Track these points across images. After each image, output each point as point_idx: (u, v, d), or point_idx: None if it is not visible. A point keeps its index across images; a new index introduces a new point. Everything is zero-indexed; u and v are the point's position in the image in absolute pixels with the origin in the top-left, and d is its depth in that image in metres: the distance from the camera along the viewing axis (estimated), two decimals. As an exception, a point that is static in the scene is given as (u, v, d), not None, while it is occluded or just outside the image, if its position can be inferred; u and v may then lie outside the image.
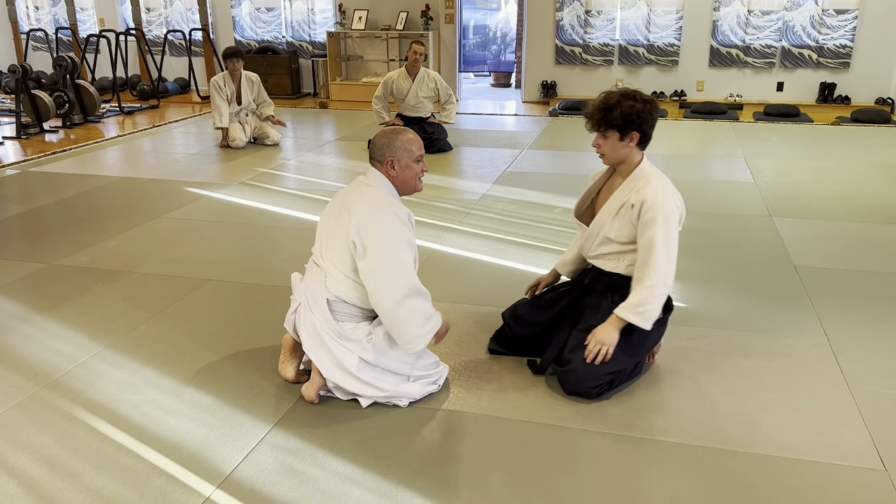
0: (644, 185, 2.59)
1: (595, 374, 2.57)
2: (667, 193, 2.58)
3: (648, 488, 2.18)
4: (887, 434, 2.43)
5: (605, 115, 2.55)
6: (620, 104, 2.52)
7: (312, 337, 2.55)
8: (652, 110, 2.57)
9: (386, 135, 2.62)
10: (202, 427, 2.48)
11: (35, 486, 2.18)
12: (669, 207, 2.55)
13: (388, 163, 2.58)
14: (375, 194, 2.57)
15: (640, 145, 2.61)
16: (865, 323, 3.26)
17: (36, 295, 3.61)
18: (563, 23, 9.67)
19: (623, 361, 2.62)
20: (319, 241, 2.67)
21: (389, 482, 2.20)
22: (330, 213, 2.66)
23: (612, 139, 2.58)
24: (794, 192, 5.41)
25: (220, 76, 6.99)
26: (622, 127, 2.54)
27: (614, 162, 2.68)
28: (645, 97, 2.56)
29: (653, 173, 2.64)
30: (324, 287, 2.58)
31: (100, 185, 5.71)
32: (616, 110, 2.53)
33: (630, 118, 2.53)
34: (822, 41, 9.01)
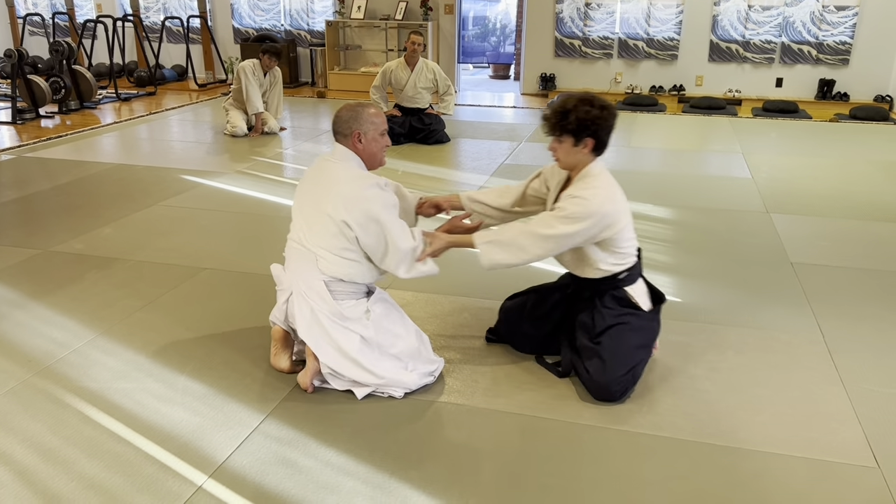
0: (584, 186, 2.56)
1: (615, 378, 2.55)
2: (599, 196, 2.52)
3: (641, 482, 2.18)
4: (881, 431, 2.43)
5: (560, 119, 2.54)
6: (576, 109, 2.51)
7: (309, 323, 2.54)
8: (608, 116, 2.54)
9: (350, 108, 2.63)
10: (195, 416, 2.47)
11: (26, 473, 2.18)
12: (589, 209, 2.49)
13: (355, 135, 2.61)
14: (349, 170, 2.59)
15: (594, 151, 2.58)
16: (861, 320, 3.26)
17: (29, 281, 3.59)
18: (563, 15, 9.63)
19: (634, 356, 2.62)
20: (301, 225, 2.64)
21: (383, 473, 2.20)
22: (305, 196, 2.65)
23: (566, 144, 2.57)
24: (792, 188, 5.40)
25: (250, 63, 6.98)
26: (577, 132, 2.53)
27: (568, 167, 2.65)
28: (603, 103, 2.55)
29: (600, 175, 2.59)
30: (317, 269, 2.56)
31: (95, 172, 5.68)
32: (572, 115, 2.51)
33: (585, 124, 2.51)
34: (822, 37, 9.00)
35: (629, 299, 2.70)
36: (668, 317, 3.27)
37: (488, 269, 2.60)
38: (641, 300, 2.73)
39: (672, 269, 3.84)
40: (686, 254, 4.07)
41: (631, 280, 2.72)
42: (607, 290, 2.70)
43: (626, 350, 2.61)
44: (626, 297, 2.70)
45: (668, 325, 3.19)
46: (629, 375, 2.59)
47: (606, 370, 2.56)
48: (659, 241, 4.27)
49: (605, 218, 2.52)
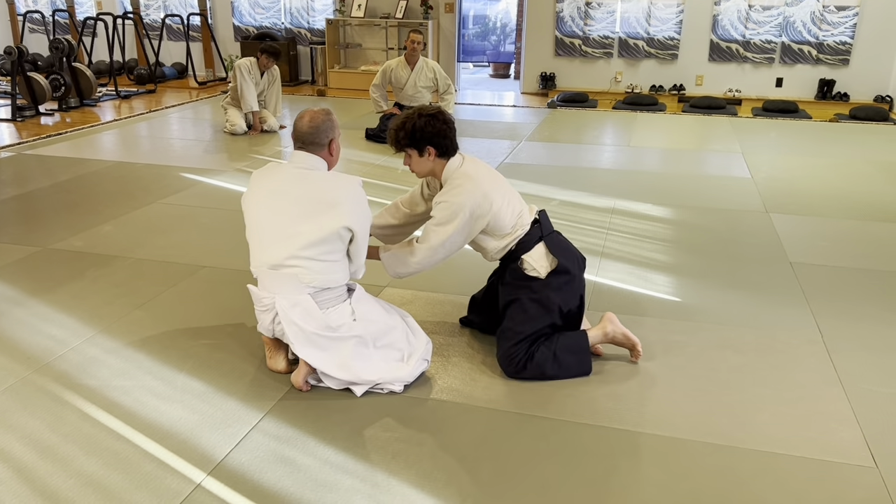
0: (446, 187, 2.72)
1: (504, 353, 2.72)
2: (461, 193, 2.66)
3: (639, 481, 2.18)
4: (879, 431, 2.43)
5: (395, 137, 2.71)
6: (404, 124, 2.68)
7: (302, 341, 2.54)
8: (435, 122, 2.67)
9: (322, 117, 2.62)
10: (194, 413, 2.47)
11: (25, 470, 2.18)
12: (454, 209, 2.66)
13: (331, 142, 2.64)
14: (335, 177, 2.63)
15: (442, 157, 2.72)
16: (860, 320, 3.26)
17: (29, 278, 3.59)
18: (564, 14, 9.63)
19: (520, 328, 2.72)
20: (275, 243, 2.55)
21: (381, 471, 2.20)
22: (282, 212, 2.56)
23: (413, 157, 2.73)
24: (792, 188, 5.41)
25: (247, 61, 6.97)
26: (415, 144, 2.68)
27: (425, 175, 2.81)
28: (429, 111, 2.70)
29: (457, 174, 2.72)
30: (300, 285, 2.54)
31: (95, 170, 5.68)
32: (401, 132, 2.69)
33: (414, 135, 2.67)
34: (822, 37, 8.99)
35: (522, 272, 2.78)
36: (667, 316, 3.28)
37: (393, 278, 2.88)
38: (539, 264, 2.77)
39: (671, 269, 3.84)
40: (685, 253, 4.07)
41: (524, 248, 2.78)
42: (507, 264, 2.84)
43: (516, 323, 2.73)
44: (519, 269, 2.79)
45: (668, 324, 3.19)
46: (520, 347, 2.70)
47: (498, 350, 2.77)
48: (658, 240, 4.27)
49: (475, 209, 2.67)
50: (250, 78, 6.96)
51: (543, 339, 2.73)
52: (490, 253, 2.83)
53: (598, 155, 6.45)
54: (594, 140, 7.07)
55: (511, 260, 2.81)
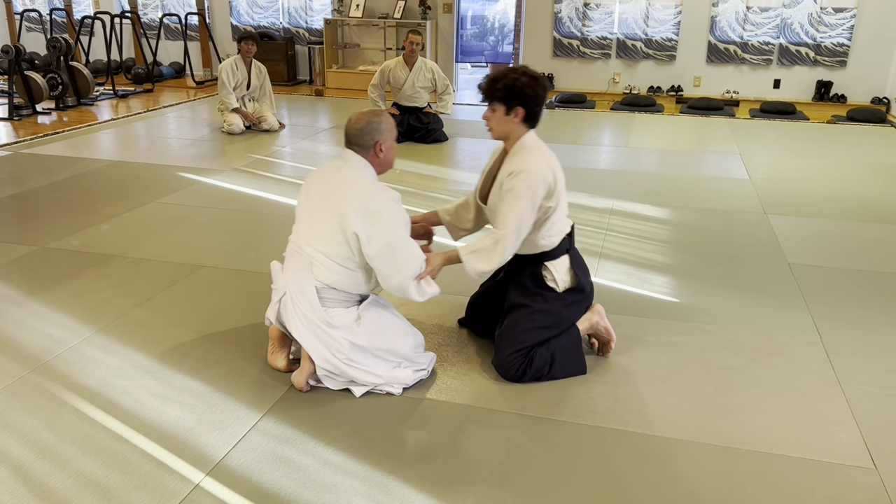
0: (519, 157, 2.62)
1: (503, 359, 2.67)
2: (536, 167, 2.58)
3: (638, 482, 2.18)
4: (878, 432, 2.44)
5: (490, 86, 2.60)
6: (505, 77, 2.57)
7: (301, 326, 2.54)
8: (536, 86, 2.58)
9: (368, 119, 2.57)
10: (192, 413, 2.47)
11: (22, 470, 2.17)
12: (530, 180, 2.56)
13: (377, 146, 2.56)
14: (364, 179, 2.55)
15: (526, 122, 2.64)
16: (858, 322, 3.26)
17: (26, 278, 3.58)
18: (562, 15, 9.64)
19: (524, 337, 2.67)
20: (302, 227, 2.63)
21: (380, 472, 2.20)
22: (312, 199, 2.61)
23: (499, 112, 2.62)
24: (790, 189, 5.41)
25: (231, 61, 6.96)
26: (506, 100, 2.58)
27: (500, 136, 2.71)
28: (533, 73, 2.60)
29: (534, 146, 2.65)
30: (311, 275, 2.55)
31: (92, 169, 5.67)
32: (500, 83, 2.57)
33: (513, 91, 2.56)
34: (820, 39, 9.01)
35: (542, 279, 2.73)
36: (665, 316, 3.28)
37: (475, 278, 2.68)
38: (561, 276, 2.74)
39: (669, 270, 3.84)
40: (683, 254, 4.08)
41: (551, 256, 2.74)
42: (526, 267, 2.75)
43: (521, 331, 2.67)
44: (540, 276, 2.73)
45: (666, 324, 3.20)
46: (519, 355, 2.64)
47: (497, 352, 2.71)
48: (657, 241, 4.27)
49: (547, 185, 2.58)
50: (232, 79, 6.91)
51: (540, 344, 2.69)
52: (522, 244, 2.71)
53: (597, 156, 6.46)
54: (592, 141, 7.07)
55: (533, 264, 2.75)
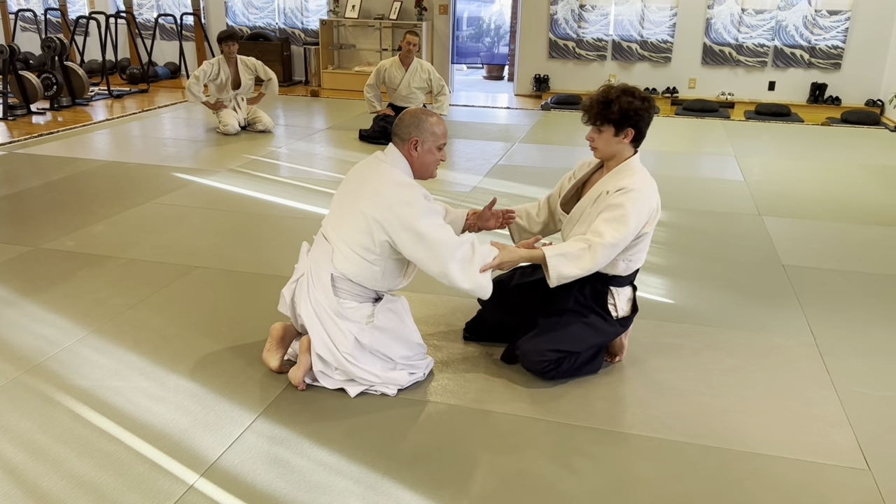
0: (627, 176, 2.59)
1: (539, 349, 2.62)
2: (646, 188, 2.57)
3: (633, 483, 2.18)
4: (871, 434, 2.44)
5: (603, 108, 2.55)
6: (619, 99, 2.52)
7: (311, 311, 2.55)
8: (649, 108, 2.57)
9: (415, 114, 2.58)
10: (187, 415, 2.46)
11: (16, 471, 2.16)
12: (640, 201, 2.53)
13: (412, 142, 2.55)
14: (395, 174, 2.54)
15: (633, 142, 2.61)
16: (852, 323, 3.27)
17: (20, 278, 3.57)
18: (557, 17, 9.65)
19: (568, 342, 2.64)
20: (332, 214, 2.64)
21: (375, 473, 2.19)
22: (346, 189, 2.63)
23: (606, 134, 2.58)
24: (784, 191, 5.43)
25: (213, 61, 6.92)
26: (619, 122, 2.54)
27: (606, 157, 2.67)
28: (644, 95, 2.57)
29: (640, 169, 2.64)
30: (330, 262, 2.56)
31: (87, 169, 5.66)
32: (615, 105, 2.52)
33: (628, 114, 2.52)
34: (815, 41, 9.04)
35: (606, 300, 2.71)
36: (660, 318, 3.28)
37: (556, 283, 2.54)
38: (622, 304, 2.74)
39: (665, 271, 3.85)
40: (678, 255, 4.09)
41: (619, 283, 2.73)
42: (593, 281, 2.69)
43: (566, 333, 2.64)
44: (605, 296, 2.71)
45: (660, 326, 3.20)
46: (555, 356, 2.61)
47: (537, 339, 2.64)
48: (652, 242, 4.25)
49: (651, 211, 2.56)
50: (204, 77, 6.87)
51: (573, 354, 2.67)
52: None
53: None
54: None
55: (599, 282, 2.70)
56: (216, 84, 6.96)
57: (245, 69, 7.05)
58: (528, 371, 2.70)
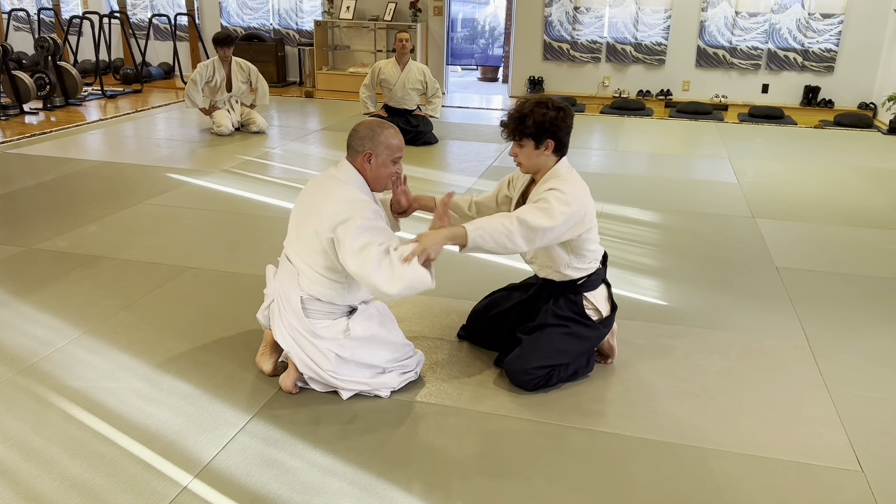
0: (554, 180, 2.55)
1: (525, 368, 2.62)
2: (574, 189, 2.51)
3: (627, 485, 2.18)
4: (864, 435, 2.45)
5: (518, 123, 2.53)
6: (533, 113, 2.50)
7: (286, 336, 2.53)
8: (565, 117, 2.54)
9: (370, 126, 2.52)
10: (180, 416, 2.45)
11: (8, 472, 2.15)
12: (564, 197, 2.46)
13: (365, 155, 2.49)
14: (344, 190, 2.46)
15: (556, 153, 2.58)
16: (845, 325, 3.29)
17: (12, 279, 3.55)
18: (552, 18, 9.67)
19: (555, 356, 2.65)
20: (290, 236, 2.60)
21: (369, 474, 2.19)
22: (300, 209, 2.57)
23: (527, 148, 2.55)
24: (777, 193, 5.45)
25: (208, 63, 6.91)
26: (536, 135, 2.52)
27: (531, 170, 2.64)
28: (558, 104, 2.54)
29: (568, 172, 2.60)
30: (297, 285, 2.53)
31: (80, 169, 5.63)
32: (529, 119, 2.50)
33: (543, 126, 2.50)
34: (808, 44, 9.08)
35: (582, 307, 2.71)
36: (654, 319, 3.29)
37: (467, 252, 2.44)
38: (601, 305, 2.74)
39: (658, 273, 3.86)
40: (672, 257, 4.09)
41: (591, 286, 2.73)
42: (565, 292, 2.72)
43: (550, 348, 2.65)
44: (581, 303, 2.71)
45: (654, 327, 3.21)
46: (543, 371, 2.63)
47: (521, 357, 2.65)
48: (645, 244, 4.29)
49: (580, 211, 2.50)
50: (202, 80, 6.87)
51: (561, 366, 2.68)
52: (555, 268, 2.67)
53: (586, 159, 6.47)
54: (581, 144, 7.09)
55: (571, 291, 2.71)
56: (210, 86, 6.95)
57: (239, 71, 7.03)
58: (519, 388, 2.67)
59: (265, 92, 7.25)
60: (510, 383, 2.69)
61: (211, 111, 7.04)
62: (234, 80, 6.99)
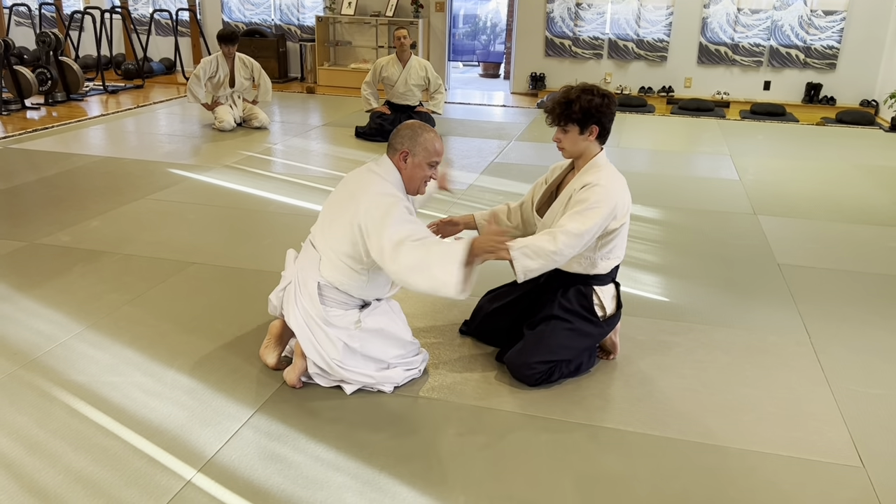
0: (593, 173, 2.62)
1: (527, 363, 2.64)
2: (611, 183, 2.59)
3: (629, 480, 2.19)
4: (866, 432, 2.46)
5: (565, 109, 2.59)
6: (580, 98, 2.57)
7: (299, 319, 2.54)
8: (610, 104, 2.61)
9: (413, 127, 2.57)
10: (183, 410, 2.46)
11: (13, 466, 2.16)
12: (603, 194, 2.54)
13: (402, 153, 2.54)
14: (383, 185, 2.51)
15: (599, 139, 2.65)
16: (847, 322, 3.29)
17: (15, 273, 3.56)
18: (554, 15, 9.65)
19: (557, 352, 2.65)
20: (321, 222, 2.63)
21: (372, 469, 2.20)
22: (336, 197, 2.62)
23: (572, 133, 2.62)
24: (779, 190, 5.45)
25: (211, 58, 6.91)
26: (582, 121, 2.58)
27: (574, 155, 2.70)
28: (604, 91, 2.61)
29: (606, 165, 2.67)
30: (317, 270, 2.55)
31: (82, 165, 5.64)
32: (576, 104, 2.56)
33: (590, 112, 2.57)
34: (810, 41, 9.07)
35: (590, 301, 2.71)
36: (656, 316, 3.30)
37: (523, 279, 2.51)
38: (607, 303, 2.75)
39: (660, 270, 3.86)
40: (674, 254, 4.10)
41: (603, 282, 2.74)
42: (575, 284, 2.72)
43: (553, 343, 2.65)
44: (590, 297, 2.71)
45: (656, 324, 3.21)
46: (545, 366, 2.64)
47: (523, 352, 2.66)
48: (647, 241, 4.29)
49: (619, 206, 2.58)
50: (205, 75, 6.88)
51: (564, 362, 2.69)
52: (580, 259, 2.66)
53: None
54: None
55: (582, 283, 2.71)
56: (213, 82, 6.95)
57: (242, 67, 7.04)
58: (521, 382, 2.68)
59: (268, 88, 7.26)
60: (512, 378, 2.70)
61: (213, 106, 7.04)
62: (237, 77, 7.00)
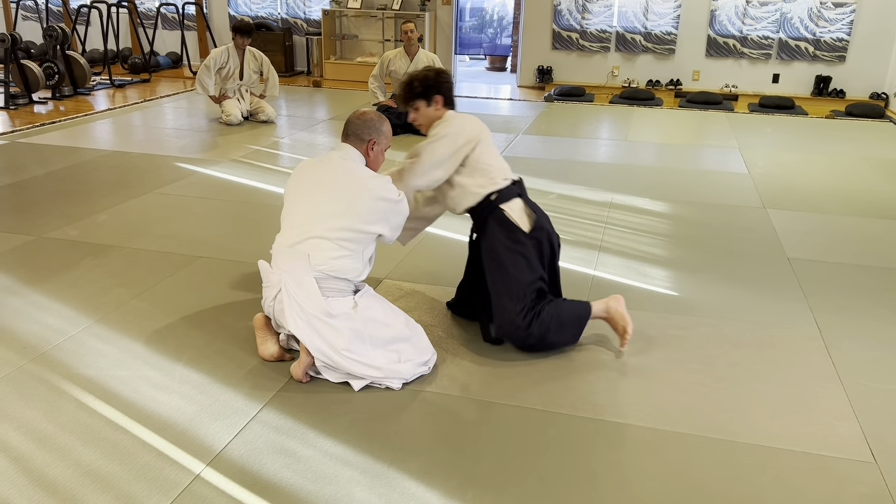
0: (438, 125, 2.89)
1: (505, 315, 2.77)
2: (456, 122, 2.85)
3: (638, 475, 2.18)
4: (877, 427, 2.44)
5: (408, 90, 2.90)
6: (416, 77, 2.90)
7: (299, 320, 2.53)
8: (444, 74, 2.94)
9: (372, 117, 2.74)
10: (192, 404, 2.46)
11: (22, 460, 2.16)
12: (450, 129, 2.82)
13: (371, 142, 2.71)
14: (366, 170, 2.70)
15: (446, 106, 2.93)
16: (857, 316, 3.27)
17: (23, 267, 3.57)
18: (561, 8, 9.61)
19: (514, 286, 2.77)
20: (297, 220, 2.64)
21: (381, 463, 2.19)
22: (312, 188, 2.67)
23: (422, 108, 2.91)
24: (788, 184, 5.41)
25: (222, 49, 6.90)
26: (424, 93, 2.88)
27: (428, 128, 2.93)
28: (435, 69, 2.97)
29: (452, 114, 2.92)
30: (308, 266, 2.55)
31: (89, 159, 5.64)
32: (415, 83, 2.88)
33: (428, 84, 2.88)
34: (819, 34, 9.00)
35: (509, 219, 2.81)
36: (665, 310, 3.28)
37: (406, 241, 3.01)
38: (518, 216, 2.83)
39: (669, 264, 3.84)
40: (683, 248, 4.08)
41: (505, 198, 2.85)
42: (487, 215, 2.86)
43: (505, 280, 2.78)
44: (506, 217, 2.82)
45: (665, 318, 3.20)
46: (524, 317, 2.74)
47: (495, 309, 2.81)
48: (656, 235, 4.27)
49: (463, 131, 2.82)
50: (215, 66, 6.87)
51: (548, 302, 2.79)
52: (465, 193, 2.86)
53: (595, 149, 6.45)
54: (591, 134, 7.06)
55: (490, 210, 2.84)
56: (222, 74, 6.94)
57: (252, 60, 7.04)
58: (517, 338, 2.79)
59: (275, 83, 7.26)
60: (519, 372, 2.69)
61: (221, 99, 7.04)
62: (246, 69, 6.99)
